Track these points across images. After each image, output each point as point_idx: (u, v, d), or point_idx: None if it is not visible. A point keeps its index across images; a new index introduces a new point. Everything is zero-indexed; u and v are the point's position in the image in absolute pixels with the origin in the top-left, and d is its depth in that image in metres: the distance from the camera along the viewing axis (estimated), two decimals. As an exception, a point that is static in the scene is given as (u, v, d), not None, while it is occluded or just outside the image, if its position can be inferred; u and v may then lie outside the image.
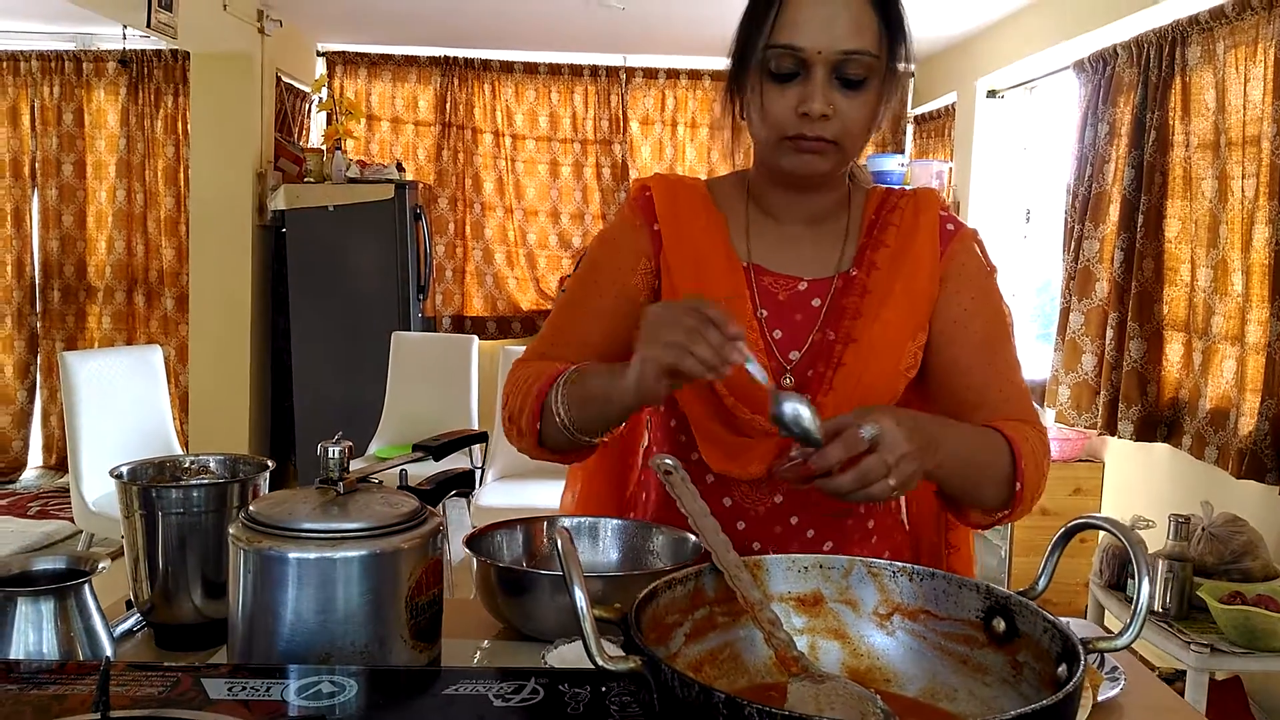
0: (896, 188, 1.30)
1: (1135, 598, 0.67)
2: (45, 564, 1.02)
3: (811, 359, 1.20)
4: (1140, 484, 3.76)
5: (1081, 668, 0.63)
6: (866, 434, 0.91)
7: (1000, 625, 0.74)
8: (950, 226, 1.24)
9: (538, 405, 1.13)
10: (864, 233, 1.24)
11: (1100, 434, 3.78)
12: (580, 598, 0.62)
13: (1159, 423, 3.50)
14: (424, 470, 1.23)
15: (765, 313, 1.21)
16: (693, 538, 1.16)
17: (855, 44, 1.09)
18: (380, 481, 1.06)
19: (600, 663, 0.62)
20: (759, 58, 1.12)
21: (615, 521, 1.25)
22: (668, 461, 0.85)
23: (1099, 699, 1.08)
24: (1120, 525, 0.72)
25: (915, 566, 0.79)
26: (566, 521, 1.24)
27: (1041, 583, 0.76)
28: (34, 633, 0.95)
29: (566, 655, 1.02)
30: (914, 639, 0.78)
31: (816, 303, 1.21)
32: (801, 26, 1.09)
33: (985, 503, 1.13)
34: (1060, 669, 0.66)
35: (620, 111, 5.99)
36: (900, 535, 1.33)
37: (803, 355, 1.20)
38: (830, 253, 1.23)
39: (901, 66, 1.15)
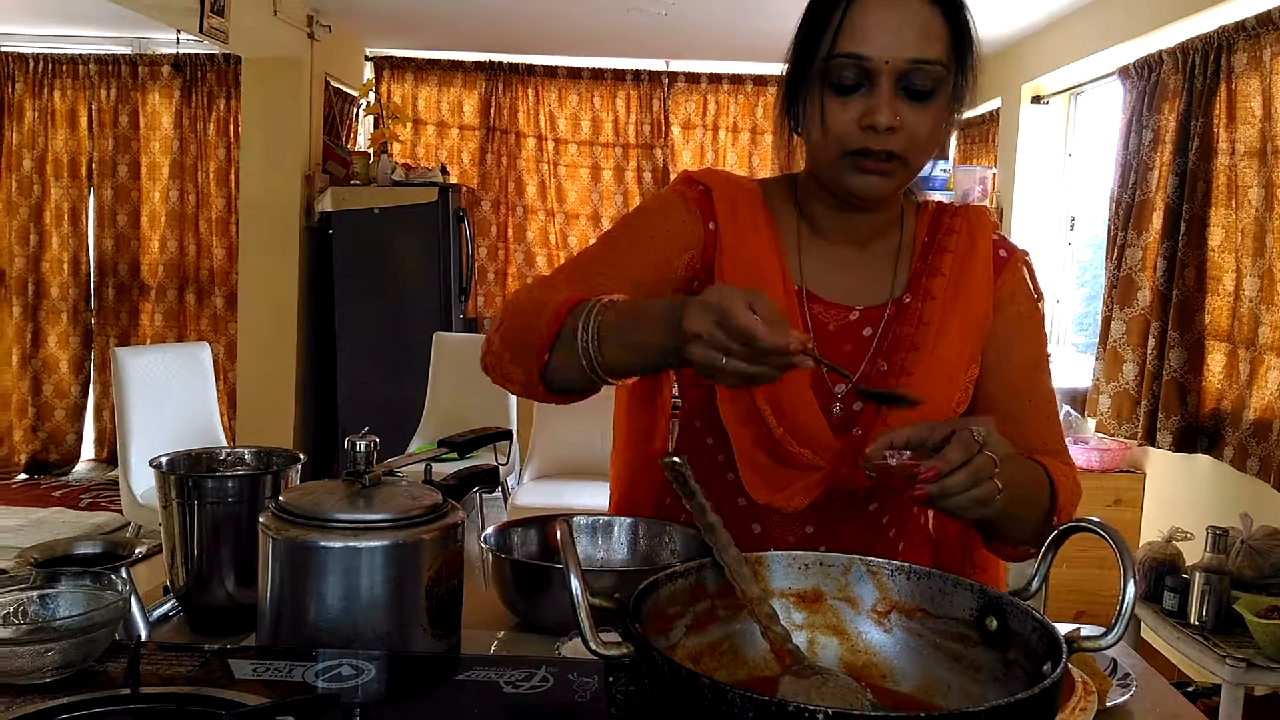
0: (948, 203, 1.25)
1: (1120, 600, 0.69)
2: (86, 548, 1.07)
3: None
4: (1181, 495, 3.71)
5: (1063, 664, 0.65)
6: (979, 435, 0.88)
7: (993, 624, 0.76)
8: (1003, 253, 1.21)
9: (554, 327, 0.98)
10: (917, 255, 1.20)
11: (1140, 444, 3.74)
12: (575, 584, 0.65)
13: (1199, 433, 3.45)
14: (450, 466, 1.27)
15: (814, 344, 1.14)
16: None
17: (924, 53, 1.04)
18: (404, 478, 1.10)
19: (594, 647, 0.65)
20: (819, 68, 1.07)
21: (632, 520, 1.28)
22: (675, 460, 0.88)
23: (1108, 704, 1.08)
24: (1108, 528, 0.74)
25: (913, 566, 0.81)
26: (579, 519, 1.27)
27: (1035, 584, 0.77)
28: (74, 612, 1.00)
29: (580, 646, 1.05)
30: (910, 636, 0.80)
31: (868, 332, 1.17)
32: (868, 34, 1.04)
33: (1018, 535, 1.10)
34: (1045, 666, 0.68)
35: (662, 116, 6.03)
36: (928, 557, 1.30)
37: (851, 387, 1.16)
38: (882, 277, 1.19)
39: (969, 80, 1.11)
